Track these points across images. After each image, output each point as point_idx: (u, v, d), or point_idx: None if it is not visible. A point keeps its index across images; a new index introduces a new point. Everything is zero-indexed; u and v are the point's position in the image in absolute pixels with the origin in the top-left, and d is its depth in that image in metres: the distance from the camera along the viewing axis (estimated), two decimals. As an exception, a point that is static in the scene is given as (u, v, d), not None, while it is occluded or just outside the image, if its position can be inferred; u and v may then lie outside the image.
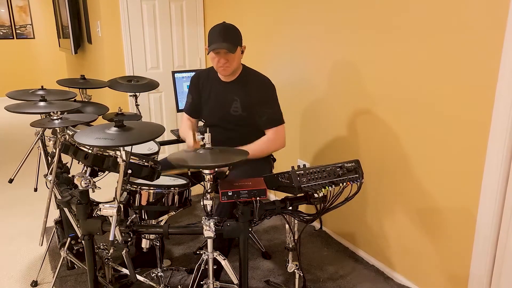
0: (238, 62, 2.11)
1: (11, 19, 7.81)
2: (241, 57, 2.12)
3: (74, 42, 4.51)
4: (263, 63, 3.10)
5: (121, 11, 3.56)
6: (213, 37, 2.02)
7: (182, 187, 1.78)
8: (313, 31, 2.54)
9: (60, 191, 1.87)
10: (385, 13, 2.02)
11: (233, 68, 2.08)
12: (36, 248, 2.55)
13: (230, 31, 2.04)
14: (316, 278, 2.21)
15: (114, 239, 1.48)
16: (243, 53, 2.12)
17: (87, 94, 2.53)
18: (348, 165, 1.56)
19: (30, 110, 1.83)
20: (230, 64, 2.05)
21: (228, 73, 2.10)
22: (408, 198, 2.07)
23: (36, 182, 2.18)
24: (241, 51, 2.10)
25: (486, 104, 1.63)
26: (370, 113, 2.21)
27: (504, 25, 1.53)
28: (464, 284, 1.85)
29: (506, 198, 1.65)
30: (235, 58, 2.05)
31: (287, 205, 1.61)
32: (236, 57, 2.06)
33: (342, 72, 2.36)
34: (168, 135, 3.63)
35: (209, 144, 1.56)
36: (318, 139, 2.67)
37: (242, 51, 2.11)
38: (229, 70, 2.07)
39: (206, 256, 1.66)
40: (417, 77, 1.91)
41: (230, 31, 2.04)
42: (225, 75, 2.13)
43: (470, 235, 1.78)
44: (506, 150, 1.59)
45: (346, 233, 2.56)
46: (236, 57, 2.06)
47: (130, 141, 1.38)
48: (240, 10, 3.32)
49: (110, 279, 1.97)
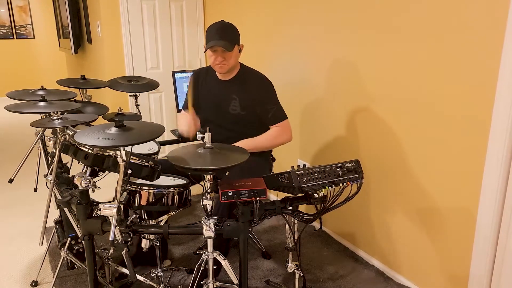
0: (235, 60, 2.11)
1: (11, 19, 7.81)
2: (238, 55, 2.12)
3: (74, 42, 4.51)
4: (263, 63, 3.10)
5: (121, 11, 3.56)
6: (210, 35, 2.02)
7: (182, 187, 1.78)
8: (313, 31, 2.54)
9: (60, 191, 1.87)
10: (385, 13, 2.02)
11: (230, 66, 2.09)
12: (36, 248, 2.55)
13: (228, 29, 2.04)
14: (316, 278, 2.21)
15: (114, 239, 1.48)
16: (240, 52, 2.13)
17: (87, 94, 2.53)
18: (348, 165, 1.56)
19: (30, 110, 1.83)
20: (227, 62, 2.05)
21: (225, 71, 2.10)
22: (408, 198, 2.07)
23: (36, 182, 2.18)
24: (239, 49, 2.11)
25: (486, 104, 1.63)
26: (370, 113, 2.21)
27: (504, 25, 1.53)
28: (464, 284, 1.85)
29: (506, 198, 1.65)
30: (232, 56, 2.05)
31: (287, 205, 1.61)
32: (233, 55, 2.06)
33: (342, 72, 2.36)
34: (168, 135, 3.62)
35: (209, 143, 1.56)
36: (318, 139, 2.67)
37: (240, 50, 2.11)
38: (225, 68, 2.08)
39: (206, 256, 1.66)
40: (417, 77, 1.91)
41: (227, 29, 2.04)
42: (222, 73, 2.13)
43: (470, 235, 1.78)
44: (506, 150, 1.59)
45: (346, 233, 2.56)
46: (233, 55, 2.06)
47: (130, 141, 1.38)
48: (240, 10, 3.32)
49: (110, 279, 1.97)
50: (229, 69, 2.10)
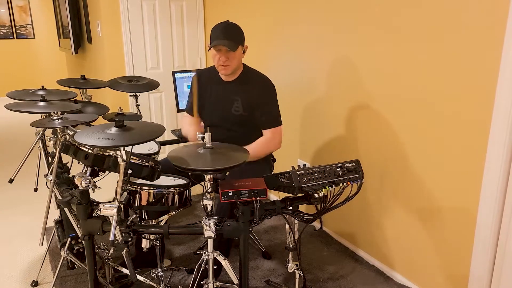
0: (239, 61, 2.10)
1: (11, 19, 7.82)
2: (242, 56, 2.11)
3: (74, 42, 4.51)
4: (263, 63, 3.10)
5: (121, 10, 3.56)
6: (215, 34, 2.01)
7: (182, 187, 1.78)
8: (313, 31, 2.54)
9: (60, 191, 1.87)
10: (385, 13, 2.02)
11: (233, 67, 2.08)
12: (36, 248, 2.55)
13: (233, 29, 2.04)
14: (316, 278, 2.21)
15: (114, 239, 1.48)
16: (244, 53, 2.11)
17: (87, 94, 2.53)
18: (348, 165, 1.56)
19: (30, 109, 1.83)
20: (230, 62, 2.04)
21: (228, 73, 2.09)
22: (408, 198, 2.07)
23: (36, 182, 2.18)
24: (243, 50, 2.10)
25: (486, 104, 1.63)
26: (370, 113, 2.21)
27: (504, 25, 1.53)
28: (464, 284, 1.85)
29: (506, 198, 1.65)
30: (236, 56, 2.05)
31: (287, 205, 1.61)
32: (237, 56, 2.05)
33: (342, 72, 2.36)
34: (168, 135, 3.62)
35: (209, 143, 1.56)
36: (318, 139, 2.67)
37: (244, 51, 2.10)
38: (229, 69, 2.07)
39: (206, 256, 1.66)
40: (417, 77, 1.91)
41: (232, 29, 2.04)
42: (225, 74, 2.12)
43: (470, 235, 1.78)
44: (506, 150, 1.59)
45: (346, 233, 2.56)
46: (237, 56, 2.05)
47: (130, 141, 1.38)
48: (240, 10, 3.31)
49: (110, 279, 1.97)
50: (232, 71, 2.09)
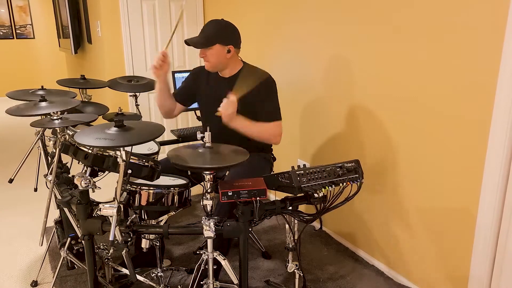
0: (219, 59, 2.07)
1: (11, 19, 7.82)
2: (225, 55, 2.06)
3: (74, 42, 4.51)
4: (263, 63, 3.10)
5: (121, 11, 3.56)
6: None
7: (182, 187, 1.78)
8: (313, 31, 2.54)
9: (60, 191, 1.87)
10: (385, 13, 2.02)
11: (213, 64, 2.09)
12: (36, 248, 2.55)
13: (211, 27, 2.05)
14: (316, 278, 2.21)
15: (114, 239, 1.48)
16: (230, 53, 2.06)
17: (87, 94, 2.53)
18: (348, 165, 1.56)
19: (30, 112, 1.82)
20: (208, 59, 2.07)
21: (208, 68, 2.12)
22: (408, 198, 2.07)
23: (36, 182, 2.18)
24: (227, 50, 2.05)
25: (486, 104, 1.63)
26: (370, 113, 2.21)
27: (504, 25, 1.53)
28: (464, 284, 1.85)
29: (506, 198, 1.65)
30: (213, 54, 2.04)
31: (287, 205, 1.61)
32: (214, 53, 2.04)
33: (342, 72, 2.36)
34: (168, 135, 3.62)
35: (209, 143, 1.56)
36: (318, 139, 2.67)
37: (228, 51, 2.05)
38: (207, 65, 2.10)
39: (206, 256, 1.66)
40: (417, 77, 1.91)
41: (210, 27, 2.05)
42: (207, 69, 2.14)
43: (470, 235, 1.78)
44: (506, 150, 1.59)
45: (346, 233, 2.56)
46: (214, 53, 2.04)
47: (130, 141, 1.38)
48: (240, 10, 3.31)
49: (110, 279, 1.97)
50: (212, 67, 2.11)
